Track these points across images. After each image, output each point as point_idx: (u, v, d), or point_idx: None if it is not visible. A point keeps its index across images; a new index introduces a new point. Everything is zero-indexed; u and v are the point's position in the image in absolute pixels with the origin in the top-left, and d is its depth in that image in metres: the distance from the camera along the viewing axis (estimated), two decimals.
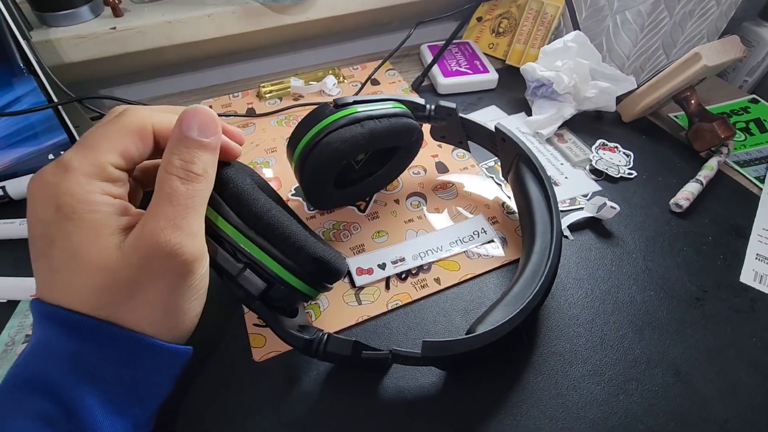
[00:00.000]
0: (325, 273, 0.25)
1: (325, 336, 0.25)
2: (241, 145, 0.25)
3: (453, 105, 0.37)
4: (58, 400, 0.18)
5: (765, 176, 0.42)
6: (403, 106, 0.35)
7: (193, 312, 0.22)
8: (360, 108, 0.32)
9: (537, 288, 0.27)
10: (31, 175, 0.41)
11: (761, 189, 0.41)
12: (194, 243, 0.20)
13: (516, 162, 0.35)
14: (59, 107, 0.40)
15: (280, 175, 0.42)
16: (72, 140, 0.41)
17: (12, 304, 0.32)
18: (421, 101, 0.37)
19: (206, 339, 0.30)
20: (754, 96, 0.51)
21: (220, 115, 0.48)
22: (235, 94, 0.52)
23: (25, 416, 0.18)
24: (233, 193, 0.23)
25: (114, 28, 0.45)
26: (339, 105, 0.32)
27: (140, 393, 0.21)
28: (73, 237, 0.18)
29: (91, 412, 0.18)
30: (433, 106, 0.37)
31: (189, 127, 0.21)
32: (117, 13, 0.46)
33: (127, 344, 0.20)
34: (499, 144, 0.37)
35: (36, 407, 0.18)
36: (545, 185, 0.32)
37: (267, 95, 0.51)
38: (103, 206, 0.19)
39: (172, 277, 0.20)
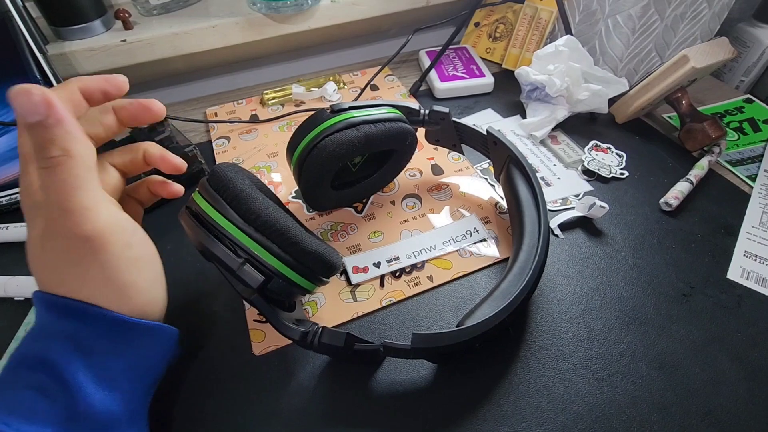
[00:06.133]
0: (320, 266, 0.27)
1: (320, 329, 0.27)
2: (153, 111, 0.25)
3: (446, 109, 0.39)
4: (53, 374, 0.20)
5: (756, 175, 0.42)
6: (398, 111, 0.37)
7: (140, 284, 0.22)
8: (356, 113, 0.34)
9: (523, 284, 0.28)
10: None
11: (752, 188, 0.41)
12: (91, 218, 0.20)
13: (507, 164, 0.36)
14: None
15: (281, 178, 0.44)
16: None
17: (28, 302, 0.34)
18: (416, 106, 0.38)
19: (209, 333, 0.32)
20: (748, 96, 0.52)
21: (224, 122, 0.50)
22: (239, 102, 0.55)
23: (24, 388, 0.20)
24: (233, 192, 0.25)
25: (124, 40, 0.47)
26: (335, 110, 0.34)
27: (128, 369, 0.22)
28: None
29: (83, 384, 0.21)
30: (427, 111, 0.39)
31: (22, 113, 0.19)
32: (127, 26, 0.48)
33: (103, 322, 0.22)
34: (491, 147, 0.38)
35: (33, 380, 0.20)
36: (534, 186, 0.34)
37: (270, 102, 0.53)
38: None
39: (91, 253, 0.21)
